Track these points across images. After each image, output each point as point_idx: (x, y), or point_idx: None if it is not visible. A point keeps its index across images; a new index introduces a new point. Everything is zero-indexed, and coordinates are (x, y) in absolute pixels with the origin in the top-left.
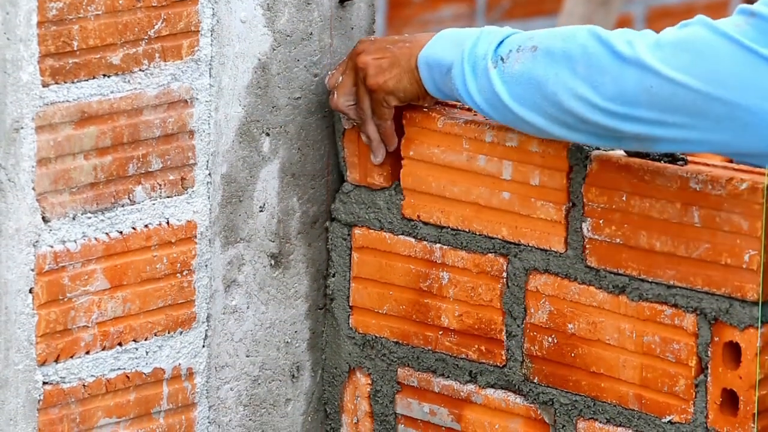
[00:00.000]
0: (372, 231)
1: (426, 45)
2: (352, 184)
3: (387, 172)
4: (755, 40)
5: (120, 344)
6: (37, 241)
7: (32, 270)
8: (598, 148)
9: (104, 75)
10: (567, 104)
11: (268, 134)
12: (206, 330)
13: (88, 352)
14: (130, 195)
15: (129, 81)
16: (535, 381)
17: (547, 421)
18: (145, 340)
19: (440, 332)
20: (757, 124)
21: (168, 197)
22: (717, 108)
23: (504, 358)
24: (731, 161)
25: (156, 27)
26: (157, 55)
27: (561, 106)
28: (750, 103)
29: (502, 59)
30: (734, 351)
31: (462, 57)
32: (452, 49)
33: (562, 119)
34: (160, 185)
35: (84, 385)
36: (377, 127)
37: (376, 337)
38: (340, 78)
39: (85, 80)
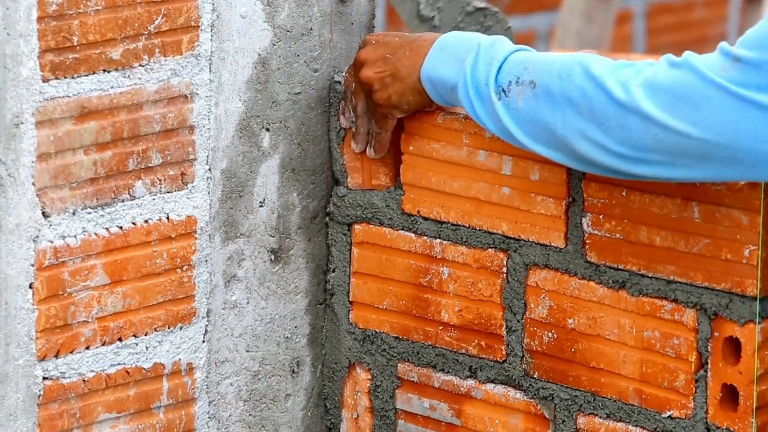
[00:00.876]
0: (372, 226)
1: (426, 58)
2: (346, 188)
3: (392, 172)
4: (744, 85)
5: (120, 339)
6: (37, 237)
7: (32, 265)
8: None
9: (104, 70)
10: (579, 149)
11: (268, 129)
12: (206, 325)
13: (88, 348)
14: (130, 190)
15: (129, 76)
16: (535, 376)
17: (547, 417)
18: (145, 335)
19: (440, 327)
20: (762, 163)
21: (168, 192)
22: (721, 152)
23: (504, 353)
24: None
25: (156, 22)
26: (157, 50)
27: (573, 150)
28: (750, 146)
29: (504, 91)
30: (734, 346)
31: (465, 80)
32: (453, 66)
33: (577, 157)
34: (160, 180)
35: (84, 380)
36: (375, 135)
37: (376, 332)
38: (351, 112)
39: (85, 75)
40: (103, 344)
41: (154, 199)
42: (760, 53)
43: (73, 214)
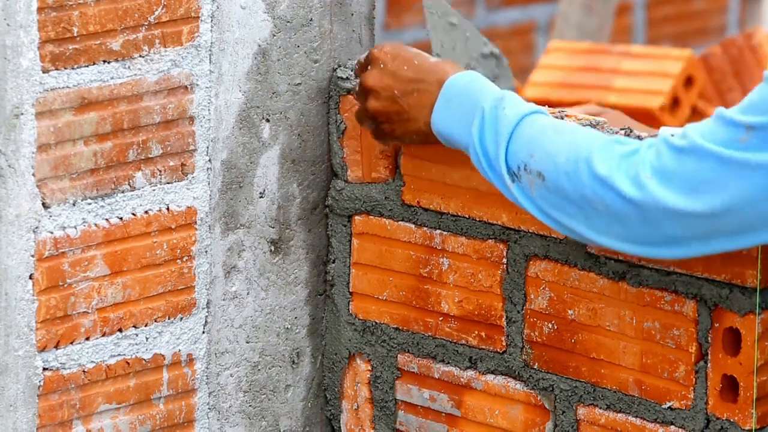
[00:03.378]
0: (372, 217)
1: (434, 110)
2: (344, 182)
3: (392, 165)
4: (762, 149)
5: (120, 330)
6: (37, 227)
7: (32, 256)
8: None
9: (104, 61)
10: (604, 242)
11: (268, 120)
12: (206, 316)
13: (88, 338)
14: (131, 181)
15: (129, 67)
16: (535, 367)
17: (547, 407)
18: (145, 326)
19: (440, 318)
20: None
21: (168, 183)
22: (758, 221)
23: (504, 344)
24: None
25: (156, 13)
26: (157, 41)
27: (598, 242)
28: None
29: (515, 175)
30: (734, 337)
31: (475, 149)
32: (462, 127)
33: (602, 245)
34: (160, 171)
35: (84, 371)
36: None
37: (376, 323)
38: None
39: (85, 66)
40: (103, 335)
41: (154, 190)
42: None
43: (73, 204)
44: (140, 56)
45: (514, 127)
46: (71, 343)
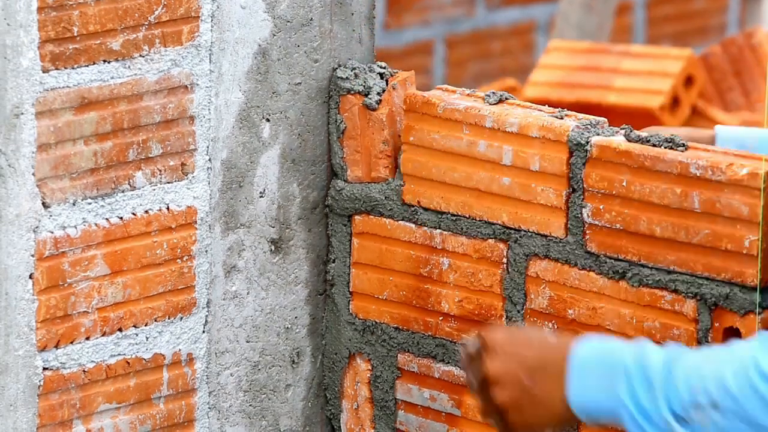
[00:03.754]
0: (372, 217)
1: (570, 386)
2: (344, 182)
3: (392, 164)
4: None
5: (120, 330)
6: (37, 227)
7: (32, 256)
8: (598, 134)
9: (104, 61)
10: None
11: (268, 120)
12: (206, 315)
13: (88, 338)
14: (131, 181)
15: (129, 67)
16: None
17: None
18: (146, 325)
19: (440, 318)
20: None
21: (168, 183)
22: None
23: None
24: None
25: (156, 12)
26: (157, 40)
27: None
28: None
29: (683, 418)
30: (734, 337)
31: (629, 411)
32: (606, 394)
33: None
34: (160, 171)
35: (84, 371)
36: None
37: (376, 322)
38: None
39: (85, 66)
40: (103, 335)
41: (154, 190)
42: None
43: (73, 204)
44: (140, 56)
45: (667, 372)
46: (71, 342)
